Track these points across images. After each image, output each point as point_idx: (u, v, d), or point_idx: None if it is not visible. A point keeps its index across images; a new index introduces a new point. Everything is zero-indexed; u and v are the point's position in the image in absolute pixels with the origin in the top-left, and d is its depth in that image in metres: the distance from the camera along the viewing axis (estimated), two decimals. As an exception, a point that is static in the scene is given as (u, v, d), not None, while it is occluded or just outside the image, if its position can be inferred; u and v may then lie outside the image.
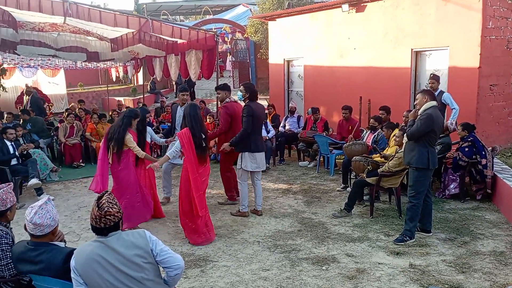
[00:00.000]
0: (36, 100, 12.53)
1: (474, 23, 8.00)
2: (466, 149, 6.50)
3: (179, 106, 6.85)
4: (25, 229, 2.83)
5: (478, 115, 8.09)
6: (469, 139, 6.52)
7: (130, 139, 5.45)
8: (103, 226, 2.50)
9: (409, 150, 4.98)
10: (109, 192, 2.64)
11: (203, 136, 5.20)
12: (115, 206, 2.54)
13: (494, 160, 6.54)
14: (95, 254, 2.49)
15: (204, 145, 5.18)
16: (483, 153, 6.38)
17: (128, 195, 5.52)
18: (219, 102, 6.94)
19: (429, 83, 7.27)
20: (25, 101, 12.88)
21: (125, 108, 13.07)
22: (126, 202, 5.43)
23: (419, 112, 4.95)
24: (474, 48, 8.02)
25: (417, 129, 4.81)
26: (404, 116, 7.32)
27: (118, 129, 5.40)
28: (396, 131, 6.46)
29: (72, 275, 2.52)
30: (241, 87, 6.16)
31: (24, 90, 12.90)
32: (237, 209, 6.19)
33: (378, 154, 6.63)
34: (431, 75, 7.37)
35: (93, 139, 9.98)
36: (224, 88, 6.47)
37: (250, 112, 5.81)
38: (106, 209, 2.49)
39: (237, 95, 6.41)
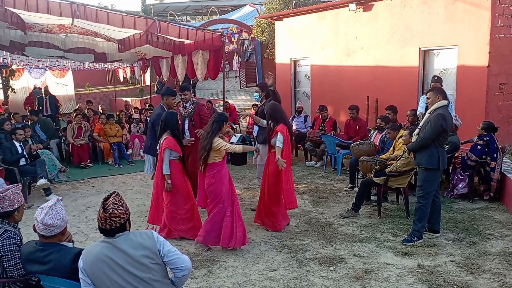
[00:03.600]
0: (54, 100, 12.81)
1: (483, 22, 7.92)
2: (478, 147, 6.43)
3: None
4: (34, 229, 2.85)
5: (487, 114, 8.01)
6: (485, 138, 6.43)
7: (218, 142, 4.85)
8: (109, 228, 2.51)
9: (419, 151, 4.92)
10: (116, 193, 2.64)
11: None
12: (121, 208, 2.54)
13: (503, 160, 6.47)
14: (103, 255, 2.50)
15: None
16: (495, 155, 6.30)
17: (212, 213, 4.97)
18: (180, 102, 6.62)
19: (432, 86, 7.02)
20: (36, 102, 13.03)
21: (133, 109, 13.16)
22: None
23: (429, 110, 4.89)
24: (483, 47, 7.95)
25: (432, 130, 4.70)
26: (408, 116, 7.28)
27: (206, 138, 4.87)
28: (402, 132, 6.41)
29: (80, 275, 2.53)
30: (256, 88, 6.53)
31: (43, 91, 13.06)
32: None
33: (385, 154, 6.59)
34: (435, 78, 7.20)
35: (101, 139, 10.04)
36: (189, 88, 6.71)
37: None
38: (111, 210, 2.49)
39: (254, 97, 6.65)
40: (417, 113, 6.90)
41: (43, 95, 12.68)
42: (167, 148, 5.08)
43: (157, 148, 5.40)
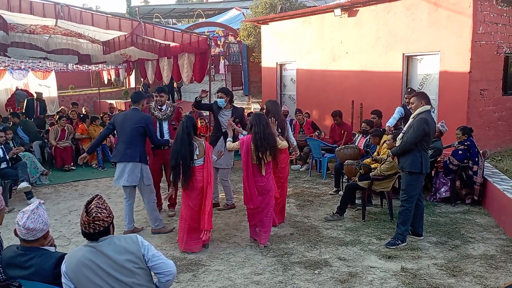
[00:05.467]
0: (44, 104, 12.65)
1: (465, 28, 8.09)
2: (460, 152, 6.53)
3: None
4: (16, 234, 2.79)
5: (468, 119, 8.17)
6: (466, 143, 6.55)
7: (279, 140, 5.15)
8: (93, 232, 2.48)
9: (403, 155, 4.98)
10: (99, 196, 2.61)
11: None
12: (104, 211, 2.51)
13: (484, 164, 6.59)
14: (86, 259, 2.46)
15: None
16: (476, 159, 6.41)
17: (267, 208, 5.12)
18: (157, 105, 6.12)
19: (406, 98, 6.88)
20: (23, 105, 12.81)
21: (117, 111, 13.06)
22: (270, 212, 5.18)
23: (412, 115, 4.97)
24: (464, 53, 8.11)
25: (414, 135, 4.78)
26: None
27: (269, 136, 4.92)
28: (385, 137, 6.48)
29: (63, 279, 2.49)
30: (220, 93, 6.33)
31: (35, 95, 12.82)
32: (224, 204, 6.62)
33: (370, 158, 6.66)
34: (408, 89, 7.31)
35: (84, 136, 9.94)
36: (167, 90, 6.49)
37: None
38: (94, 214, 2.46)
39: (219, 103, 6.36)
40: (387, 125, 6.93)
41: (34, 99, 12.45)
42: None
43: (196, 153, 5.02)
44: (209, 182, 4.96)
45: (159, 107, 6.15)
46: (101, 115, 11.44)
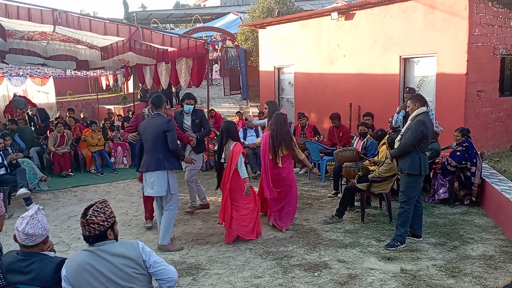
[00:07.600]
0: (44, 113, 12.61)
1: (461, 30, 8.14)
2: (458, 153, 6.56)
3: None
4: (15, 239, 2.80)
5: (466, 120, 8.20)
6: (464, 144, 6.57)
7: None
8: (88, 234, 2.50)
9: (401, 157, 5.01)
10: (102, 200, 2.62)
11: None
12: (102, 215, 2.51)
13: (482, 165, 6.62)
14: (86, 263, 2.47)
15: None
16: (474, 160, 6.43)
17: (289, 198, 5.79)
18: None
19: (406, 98, 6.89)
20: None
21: (116, 116, 13.06)
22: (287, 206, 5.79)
23: (410, 117, 5.00)
24: (461, 55, 8.15)
25: (412, 136, 4.81)
26: (389, 122, 7.40)
27: (284, 134, 5.60)
28: (385, 139, 6.49)
29: (63, 284, 2.50)
30: (190, 100, 6.55)
31: (29, 111, 12.76)
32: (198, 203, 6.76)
33: (368, 161, 6.67)
34: (407, 89, 7.33)
35: (85, 138, 9.96)
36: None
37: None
38: (88, 217, 2.48)
39: (187, 108, 6.52)
40: (395, 120, 6.98)
41: (30, 115, 12.38)
42: (243, 153, 5.30)
43: (222, 156, 5.35)
44: (230, 189, 5.28)
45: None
46: (102, 122, 11.45)
